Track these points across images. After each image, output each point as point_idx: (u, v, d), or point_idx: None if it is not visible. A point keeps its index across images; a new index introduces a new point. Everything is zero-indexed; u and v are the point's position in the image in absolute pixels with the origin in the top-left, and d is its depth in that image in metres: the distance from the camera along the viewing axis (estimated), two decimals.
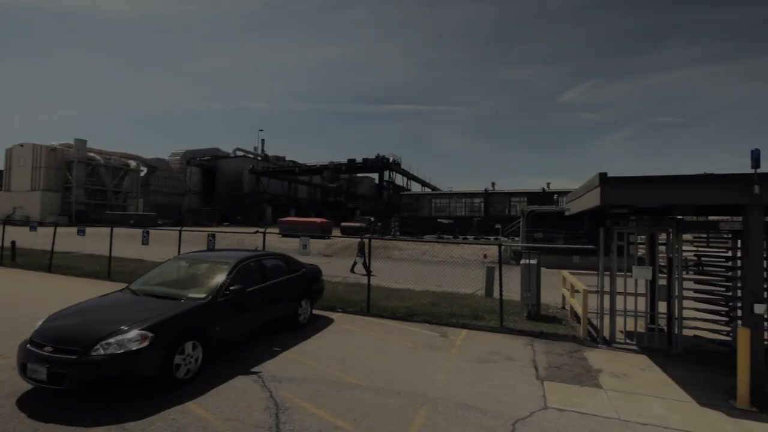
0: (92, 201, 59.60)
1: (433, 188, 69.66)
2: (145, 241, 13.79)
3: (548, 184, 37.58)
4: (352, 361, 6.58)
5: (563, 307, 10.83)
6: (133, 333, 4.95)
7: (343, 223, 40.68)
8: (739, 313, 6.02)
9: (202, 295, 6.14)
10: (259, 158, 75.43)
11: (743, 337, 5.22)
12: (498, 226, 29.59)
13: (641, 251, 9.10)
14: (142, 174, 68.09)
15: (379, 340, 7.75)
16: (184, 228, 16.13)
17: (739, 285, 6.31)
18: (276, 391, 5.38)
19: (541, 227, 21.87)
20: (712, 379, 6.08)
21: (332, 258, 25.76)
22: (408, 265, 19.03)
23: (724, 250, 7.21)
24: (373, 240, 11.57)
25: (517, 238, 24.78)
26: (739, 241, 6.53)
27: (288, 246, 19.56)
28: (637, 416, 4.95)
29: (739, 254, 6.49)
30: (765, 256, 5.65)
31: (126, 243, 22.07)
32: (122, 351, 4.77)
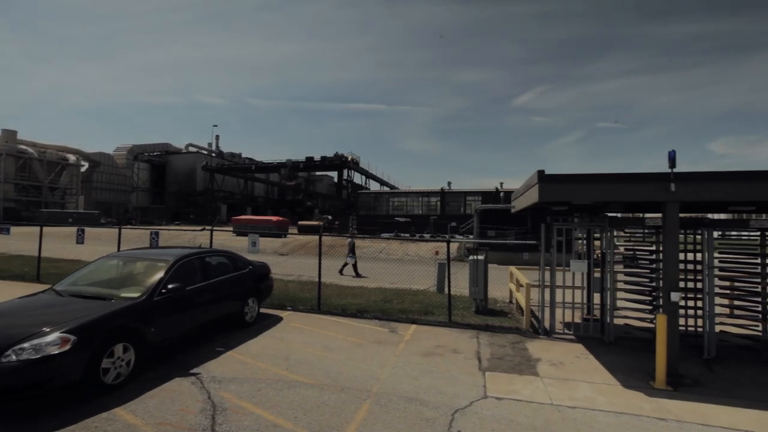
0: (24, 197, 54.91)
1: (392, 187, 70.16)
2: (80, 239, 12.85)
3: (501, 183, 38.94)
4: (297, 358, 6.48)
5: (510, 302, 11.25)
6: (53, 336, 4.59)
7: (300, 222, 40.04)
8: (661, 301, 6.51)
9: (136, 295, 5.81)
10: (214, 155, 72.62)
11: (661, 322, 5.65)
12: (453, 224, 30.28)
13: (584, 247, 9.62)
14: (83, 169, 63.54)
15: (327, 337, 7.68)
16: (126, 226, 15.21)
17: (660, 276, 6.82)
18: (215, 392, 5.19)
19: (494, 225, 22.59)
20: (637, 364, 6.53)
21: (288, 257, 25.32)
22: (364, 263, 19.04)
23: (650, 244, 7.77)
24: (330, 238, 11.46)
25: (471, 236, 25.48)
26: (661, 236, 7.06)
27: (242, 245, 18.90)
28: (567, 400, 5.22)
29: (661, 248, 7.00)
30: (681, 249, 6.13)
31: (63, 243, 20.50)
32: (39, 356, 4.41)
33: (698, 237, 7.51)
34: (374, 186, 67.85)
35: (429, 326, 8.66)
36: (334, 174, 66.20)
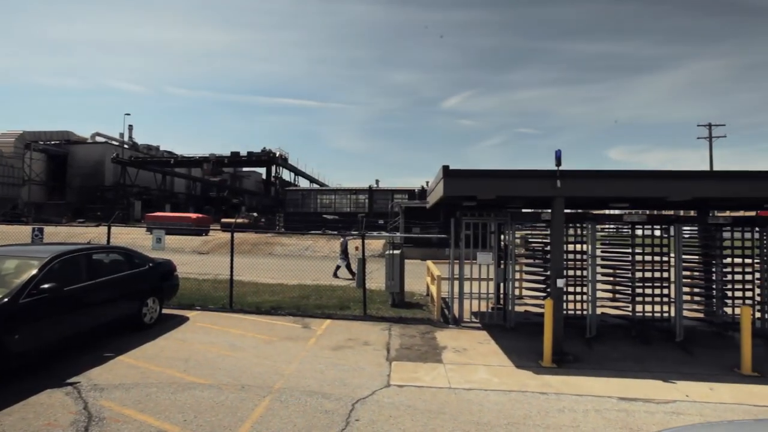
0: None
1: (322, 185, 69.36)
2: None
3: (427, 182, 40.29)
4: (198, 359, 6.12)
5: (427, 294, 11.65)
6: None
7: (223, 219, 38.03)
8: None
9: None
10: (126, 146, 66.14)
11: (548, 306, 6.20)
12: (381, 221, 30.71)
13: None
14: None
15: (235, 335, 7.36)
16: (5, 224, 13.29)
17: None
18: (94, 401, 4.71)
19: (419, 222, 23.29)
20: (531, 346, 7.09)
21: (208, 255, 23.92)
22: (288, 261, 18.59)
23: (544, 237, 8.49)
24: (255, 235, 10.98)
25: (398, 233, 26.03)
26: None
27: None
28: (464, 383, 5.52)
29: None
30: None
31: None
32: None
33: (611, 232, 8.36)
34: (304, 183, 66.62)
35: (344, 321, 8.67)
36: (262, 171, 63.86)
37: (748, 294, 8.01)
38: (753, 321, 8.28)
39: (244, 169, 72.56)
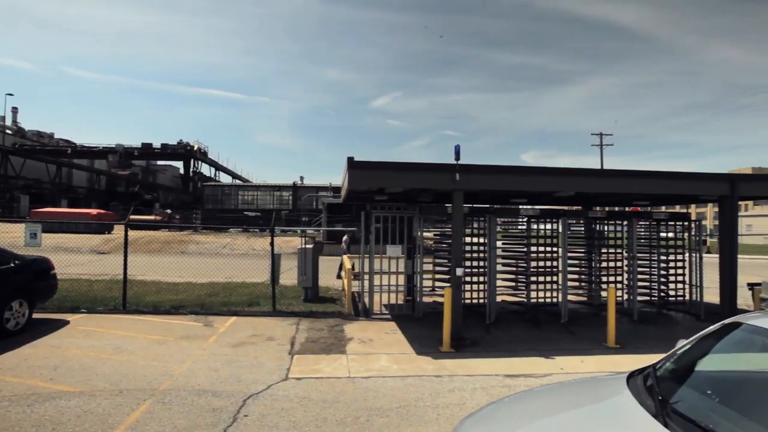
0: None
1: (245, 180, 66.26)
2: None
3: None
4: (71, 366, 5.47)
5: (343, 289, 11.64)
6: None
7: (132, 217, 34.67)
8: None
9: None
10: (9, 132, 57.50)
11: (447, 294, 6.50)
12: (305, 218, 30.18)
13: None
14: None
15: (123, 338, 6.72)
16: None
17: None
18: None
19: (342, 218, 23.26)
20: (435, 334, 7.37)
21: (110, 255, 21.64)
22: (203, 259, 17.51)
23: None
24: (167, 233, 10.08)
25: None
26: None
27: (50, 242, 15.43)
28: (364, 372, 5.58)
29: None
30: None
31: None
32: None
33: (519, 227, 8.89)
34: (227, 180, 63.13)
35: (251, 317, 8.34)
36: (180, 165, 59.34)
37: (620, 279, 9.12)
38: (621, 301, 9.47)
39: (159, 162, 66.90)
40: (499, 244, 9.26)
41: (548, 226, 9.50)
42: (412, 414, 4.42)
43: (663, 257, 9.32)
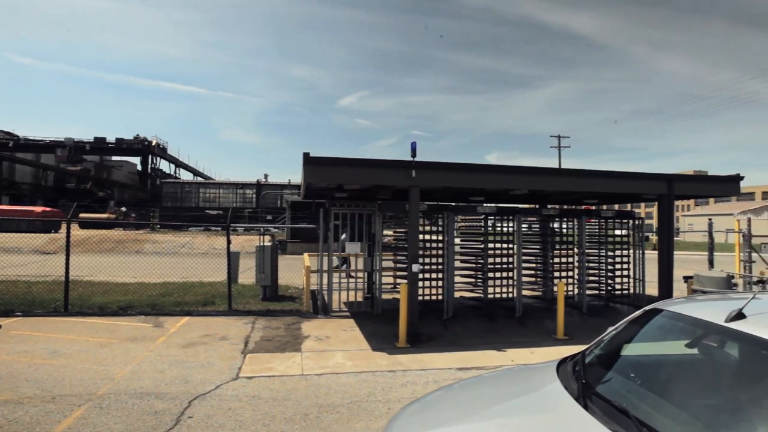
0: None
1: (207, 178, 64.20)
2: None
3: None
4: None
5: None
6: None
7: (82, 215, 32.78)
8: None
9: None
10: None
11: (403, 290, 6.55)
12: (270, 217, 29.58)
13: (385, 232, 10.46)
14: None
15: (62, 341, 6.33)
16: None
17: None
18: None
19: (306, 216, 22.97)
20: (392, 330, 7.40)
21: (55, 255, 20.34)
22: (159, 258, 16.79)
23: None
24: (121, 232, 9.54)
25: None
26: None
27: None
28: (318, 369, 5.52)
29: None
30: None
31: None
32: None
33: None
34: (187, 177, 60.84)
35: (206, 317, 8.08)
36: (138, 161, 56.64)
37: (572, 274, 9.51)
38: (573, 295, 9.88)
39: (115, 158, 63.58)
40: (457, 241, 9.45)
41: (506, 224, 9.78)
42: (363, 409, 4.42)
43: (610, 253, 9.80)
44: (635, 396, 2.25)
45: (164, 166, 55.77)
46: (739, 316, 2.02)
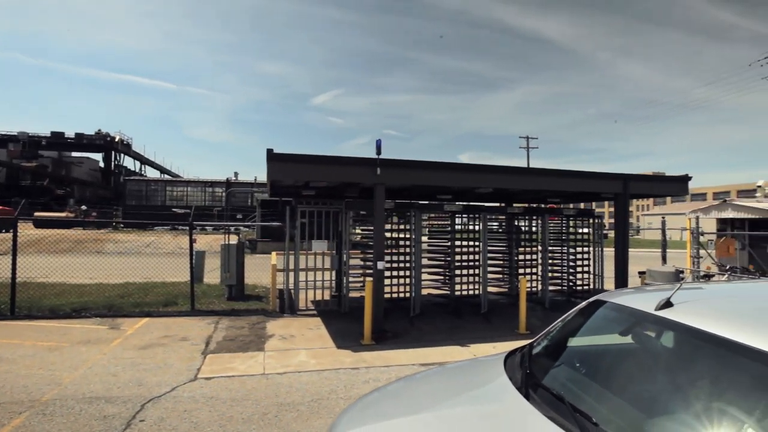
0: None
1: (175, 176, 62.28)
2: None
3: None
4: None
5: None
6: None
7: (37, 214, 31.10)
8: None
9: None
10: None
11: (368, 287, 6.55)
12: (240, 216, 28.97)
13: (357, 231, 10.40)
14: None
15: (5, 346, 5.99)
16: None
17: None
18: None
19: (276, 214, 22.62)
20: (358, 328, 7.39)
21: (4, 256, 19.23)
22: (121, 259, 16.16)
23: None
24: (80, 232, 9.05)
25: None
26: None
27: None
28: (280, 368, 5.45)
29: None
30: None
31: None
32: None
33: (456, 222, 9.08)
34: (154, 174, 58.76)
35: (167, 318, 7.83)
36: (100, 158, 54.21)
37: (536, 271, 9.77)
38: (536, 291, 10.16)
39: (75, 154, 60.63)
40: (425, 239, 9.53)
41: (473, 223, 9.95)
42: (323, 407, 4.39)
43: (572, 250, 10.12)
44: (576, 385, 2.33)
45: (129, 163, 53.69)
46: (668, 304, 2.13)
